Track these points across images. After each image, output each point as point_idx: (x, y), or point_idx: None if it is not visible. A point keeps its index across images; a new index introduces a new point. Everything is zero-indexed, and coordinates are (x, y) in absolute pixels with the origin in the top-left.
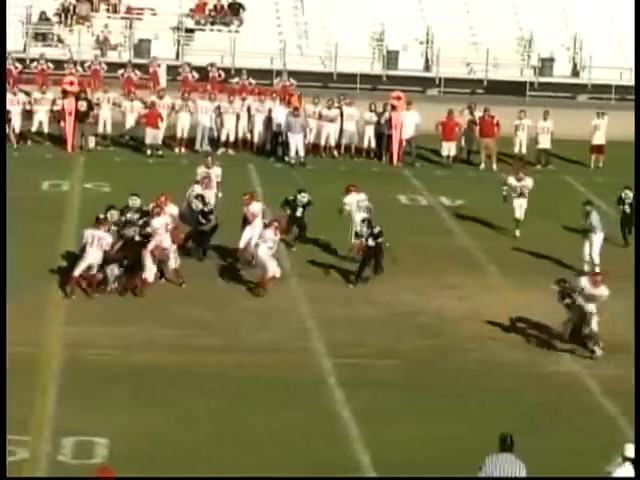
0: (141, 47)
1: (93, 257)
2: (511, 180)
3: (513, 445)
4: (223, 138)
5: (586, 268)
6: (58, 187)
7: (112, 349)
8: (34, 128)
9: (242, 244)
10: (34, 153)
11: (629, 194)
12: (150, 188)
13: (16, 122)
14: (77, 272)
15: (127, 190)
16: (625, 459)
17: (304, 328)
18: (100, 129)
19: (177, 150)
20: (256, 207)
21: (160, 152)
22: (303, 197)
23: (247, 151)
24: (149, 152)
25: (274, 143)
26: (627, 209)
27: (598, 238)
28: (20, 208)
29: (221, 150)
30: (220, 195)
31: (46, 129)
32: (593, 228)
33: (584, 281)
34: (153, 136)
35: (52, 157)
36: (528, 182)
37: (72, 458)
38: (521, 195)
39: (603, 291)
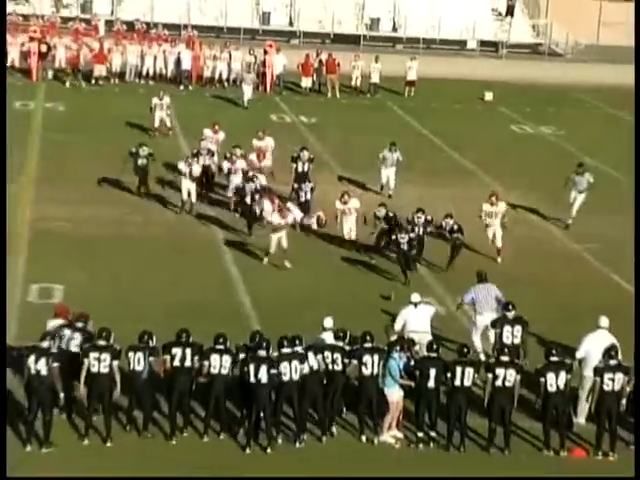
0: (86, 5)
1: None
2: (485, 206)
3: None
4: (144, 72)
5: None
6: (26, 106)
7: (68, 222)
8: (9, 63)
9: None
10: (8, 81)
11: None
12: (93, 106)
13: None
14: None
15: (77, 108)
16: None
17: None
18: (57, 65)
19: (112, 81)
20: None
21: (101, 82)
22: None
23: (162, 82)
24: (94, 82)
25: (181, 76)
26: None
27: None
28: None
29: (143, 81)
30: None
31: (17, 64)
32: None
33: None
34: (99, 70)
35: (22, 84)
36: (501, 207)
37: (37, 299)
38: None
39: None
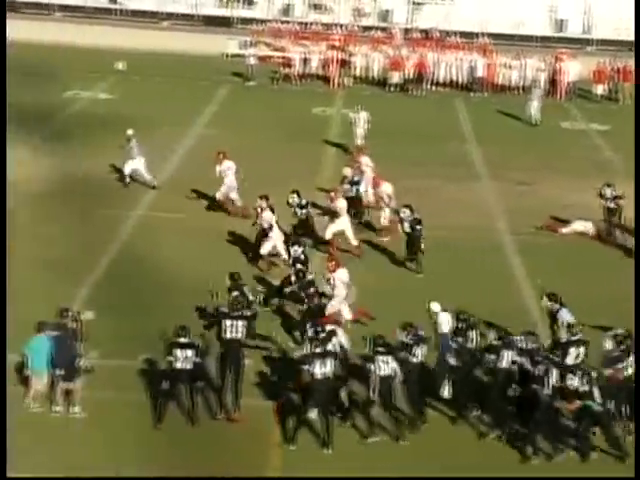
0: (384, 15)
1: None
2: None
3: None
4: (435, 79)
5: None
6: (324, 112)
7: None
8: (309, 70)
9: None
10: (309, 88)
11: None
12: (382, 113)
13: (296, 66)
14: None
15: (378, 115)
16: None
17: None
18: (353, 72)
19: (408, 88)
20: (342, 203)
21: (398, 87)
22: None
23: (454, 89)
24: (392, 88)
25: (473, 83)
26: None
27: None
28: (295, 127)
29: (434, 88)
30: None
31: (317, 71)
32: None
33: None
34: (396, 77)
35: (321, 91)
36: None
37: None
38: None
39: None
